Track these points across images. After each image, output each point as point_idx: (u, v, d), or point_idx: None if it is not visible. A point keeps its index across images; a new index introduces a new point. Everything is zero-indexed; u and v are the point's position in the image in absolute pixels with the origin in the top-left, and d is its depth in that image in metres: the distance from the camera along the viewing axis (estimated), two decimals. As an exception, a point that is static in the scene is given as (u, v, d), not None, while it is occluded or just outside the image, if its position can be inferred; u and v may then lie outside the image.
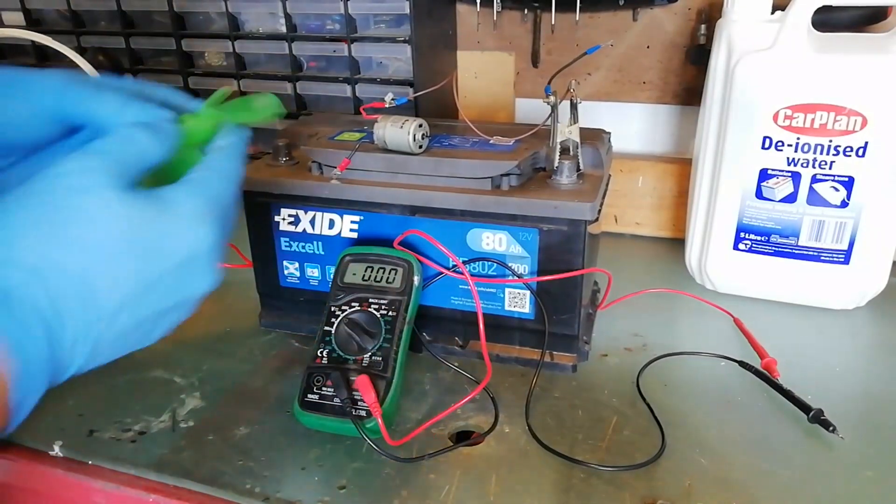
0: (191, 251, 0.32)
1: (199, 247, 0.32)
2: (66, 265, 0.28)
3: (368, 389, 0.51)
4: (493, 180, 0.57)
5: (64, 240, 0.28)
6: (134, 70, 1.03)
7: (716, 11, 0.81)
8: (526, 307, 0.61)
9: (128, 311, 0.30)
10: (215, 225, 0.33)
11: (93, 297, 0.29)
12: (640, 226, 0.90)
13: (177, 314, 0.34)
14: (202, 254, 0.32)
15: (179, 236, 0.31)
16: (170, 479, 0.50)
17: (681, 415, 0.55)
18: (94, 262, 0.29)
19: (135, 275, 0.30)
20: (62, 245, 0.28)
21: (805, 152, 0.65)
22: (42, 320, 0.27)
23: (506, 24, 0.95)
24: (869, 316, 0.70)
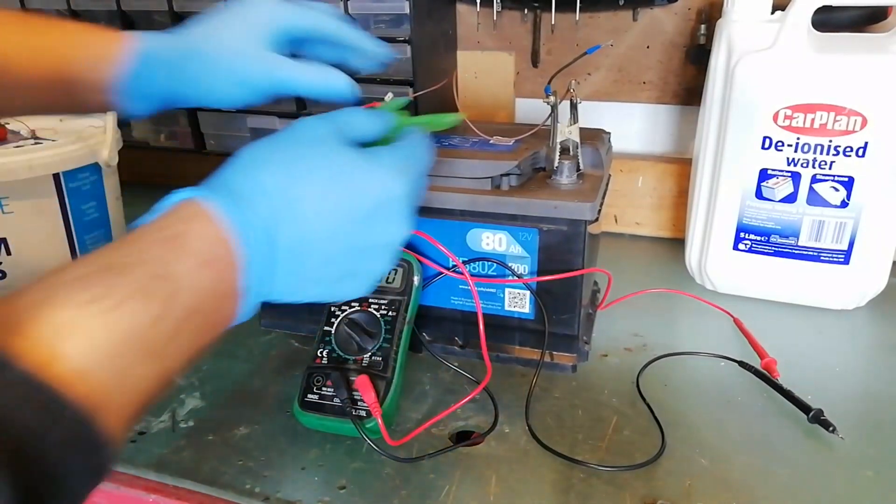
0: (389, 195, 0.37)
1: (396, 193, 0.37)
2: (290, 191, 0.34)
3: (368, 389, 0.51)
4: (493, 180, 0.57)
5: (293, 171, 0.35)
6: (134, 70, 1.03)
7: (716, 11, 0.81)
8: (526, 307, 0.61)
9: (335, 242, 0.35)
10: (408, 181, 0.38)
11: (307, 219, 0.34)
12: (640, 226, 0.90)
13: (376, 260, 0.38)
14: (397, 200, 0.37)
15: (381, 181, 0.37)
16: (170, 479, 0.50)
17: (681, 415, 0.55)
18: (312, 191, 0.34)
19: (343, 207, 0.35)
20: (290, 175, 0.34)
21: (805, 152, 0.65)
22: (265, 228, 0.32)
23: (506, 24, 0.95)
24: (869, 316, 0.70)
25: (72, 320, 0.25)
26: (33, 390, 0.22)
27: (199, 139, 1.05)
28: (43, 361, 0.23)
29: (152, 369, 0.27)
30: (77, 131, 0.81)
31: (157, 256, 0.29)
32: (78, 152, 0.75)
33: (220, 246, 0.31)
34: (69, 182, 0.74)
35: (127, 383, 0.26)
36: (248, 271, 0.32)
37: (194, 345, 0.30)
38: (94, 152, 0.77)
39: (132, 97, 0.46)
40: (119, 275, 0.27)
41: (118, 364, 0.25)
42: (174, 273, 0.28)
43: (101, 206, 0.79)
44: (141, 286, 0.27)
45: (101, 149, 0.78)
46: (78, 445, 0.23)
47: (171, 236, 0.30)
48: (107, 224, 0.80)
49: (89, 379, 0.24)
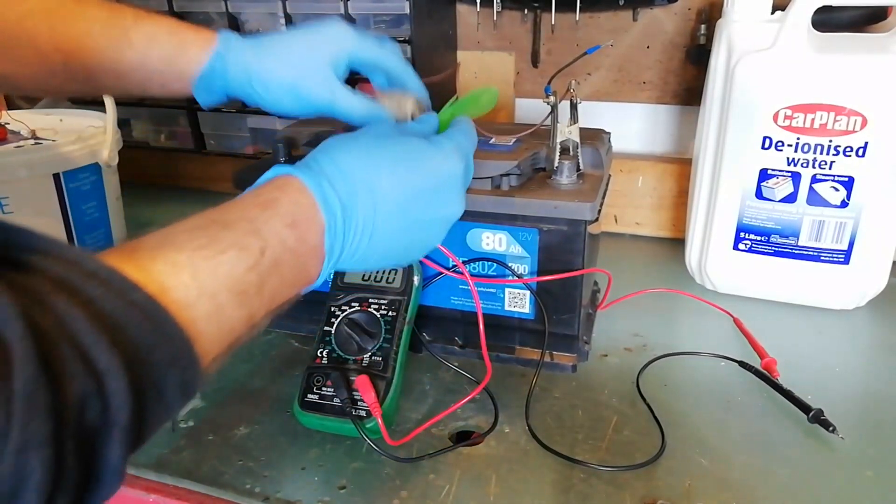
0: (446, 175, 0.43)
1: (452, 173, 0.44)
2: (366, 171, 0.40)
3: (368, 389, 0.51)
4: (493, 180, 0.57)
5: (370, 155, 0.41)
6: (134, 70, 1.03)
7: (716, 11, 0.81)
8: (526, 307, 0.61)
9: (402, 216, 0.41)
10: (461, 162, 0.45)
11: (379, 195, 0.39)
12: (640, 226, 0.90)
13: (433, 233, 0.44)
14: (453, 179, 0.44)
15: (442, 162, 0.43)
16: (170, 479, 0.50)
17: (681, 415, 0.55)
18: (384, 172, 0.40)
19: (410, 185, 0.41)
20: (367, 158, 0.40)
21: (805, 152, 0.65)
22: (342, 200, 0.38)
23: (506, 24, 0.95)
24: (869, 316, 0.70)
25: (183, 261, 0.30)
26: (150, 312, 0.26)
27: (199, 139, 1.05)
28: (158, 290, 0.27)
29: (241, 312, 0.32)
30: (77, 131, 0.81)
31: (254, 216, 0.34)
32: (78, 152, 0.75)
33: (304, 211, 0.36)
34: (69, 182, 0.74)
35: (220, 320, 0.30)
36: (328, 236, 0.37)
37: (278, 296, 0.35)
38: (94, 152, 0.77)
39: (198, 88, 0.52)
40: (223, 229, 0.32)
41: (215, 302, 0.30)
42: (266, 230, 0.34)
43: (101, 206, 0.79)
44: (239, 239, 0.32)
45: (101, 149, 0.78)
46: (178, 364, 0.27)
47: (266, 201, 0.36)
48: (107, 224, 0.80)
49: (192, 310, 0.29)
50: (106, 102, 0.78)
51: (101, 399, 0.24)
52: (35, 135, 0.80)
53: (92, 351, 0.24)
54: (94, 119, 0.86)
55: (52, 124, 0.86)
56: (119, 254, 0.28)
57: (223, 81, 0.51)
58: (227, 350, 0.32)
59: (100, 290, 0.25)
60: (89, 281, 0.25)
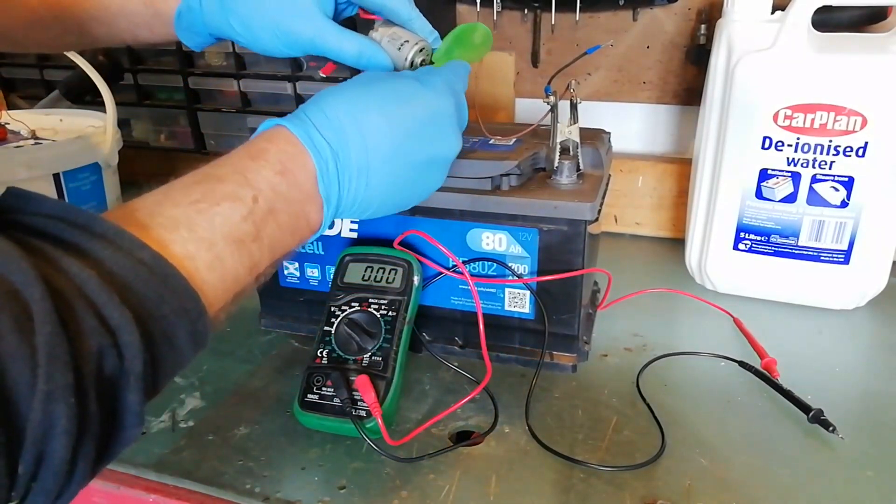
0: (437, 110, 0.43)
1: (443, 109, 0.44)
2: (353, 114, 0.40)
3: (368, 389, 0.51)
4: (493, 180, 0.57)
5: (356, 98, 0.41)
6: (134, 70, 1.03)
7: (716, 11, 0.81)
8: (526, 307, 0.61)
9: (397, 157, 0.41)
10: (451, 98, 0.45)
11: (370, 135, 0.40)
12: (640, 226, 0.90)
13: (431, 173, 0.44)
14: (445, 116, 0.44)
15: (430, 100, 0.43)
16: (170, 479, 0.50)
17: (681, 415, 0.55)
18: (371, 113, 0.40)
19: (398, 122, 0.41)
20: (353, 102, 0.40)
21: (805, 152, 0.65)
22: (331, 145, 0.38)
23: (506, 24, 0.95)
24: (869, 316, 0.70)
25: (180, 216, 0.31)
26: (156, 268, 0.28)
27: (199, 139, 1.05)
28: (159, 246, 0.29)
29: (242, 261, 0.33)
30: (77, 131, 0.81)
31: (245, 167, 0.35)
32: (78, 152, 0.75)
33: (294, 158, 0.37)
34: (69, 182, 0.74)
35: (222, 269, 0.32)
36: (322, 181, 0.38)
37: (279, 243, 0.36)
38: (94, 152, 0.77)
39: (184, 29, 0.51)
40: (216, 182, 0.34)
41: (214, 252, 0.31)
42: (257, 179, 0.35)
43: (102, 206, 0.79)
44: (232, 190, 0.34)
45: (101, 149, 0.78)
46: (187, 315, 0.29)
47: (256, 152, 0.37)
48: (107, 224, 0.80)
49: (193, 261, 0.30)
50: (106, 102, 0.78)
51: (117, 351, 0.25)
52: (35, 135, 0.80)
53: (105, 308, 0.25)
54: (94, 119, 0.86)
55: (52, 124, 0.86)
56: (120, 214, 0.30)
57: (202, 21, 0.50)
58: (234, 299, 0.34)
59: (108, 251, 0.27)
60: (99, 242, 0.27)
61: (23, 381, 0.22)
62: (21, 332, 0.23)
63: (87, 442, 0.25)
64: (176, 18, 0.50)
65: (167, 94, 1.06)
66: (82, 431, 0.24)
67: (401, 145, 0.41)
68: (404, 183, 0.43)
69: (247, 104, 1.00)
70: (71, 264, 0.25)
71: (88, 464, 0.25)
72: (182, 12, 0.50)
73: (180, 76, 1.01)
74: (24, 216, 0.27)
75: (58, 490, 0.25)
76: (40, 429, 0.23)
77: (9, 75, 1.13)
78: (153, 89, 1.06)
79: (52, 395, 0.23)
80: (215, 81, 1.00)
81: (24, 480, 0.23)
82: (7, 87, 1.14)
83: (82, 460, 0.25)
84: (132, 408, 0.27)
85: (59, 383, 0.23)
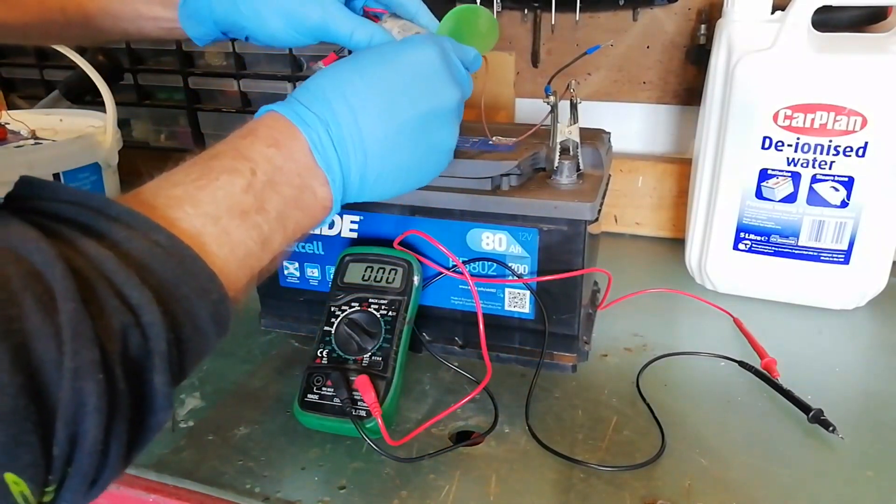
0: (420, 62, 0.42)
1: (426, 59, 0.43)
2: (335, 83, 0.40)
3: (368, 389, 0.51)
4: (493, 180, 0.57)
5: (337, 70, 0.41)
6: (134, 70, 1.03)
7: (716, 11, 0.81)
8: (526, 307, 0.61)
9: (386, 116, 0.40)
10: (435, 49, 0.43)
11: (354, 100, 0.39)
12: (640, 226, 0.90)
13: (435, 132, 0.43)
14: (430, 66, 0.43)
15: (409, 52, 0.43)
16: (170, 479, 0.50)
17: (681, 415, 0.55)
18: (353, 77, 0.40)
19: (381, 81, 0.40)
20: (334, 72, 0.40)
21: (805, 152, 0.65)
22: (319, 115, 0.38)
23: (506, 24, 0.95)
24: (869, 316, 0.70)
25: (181, 194, 0.31)
26: (172, 249, 0.28)
27: (200, 139, 1.05)
28: (168, 225, 0.29)
29: (249, 234, 0.33)
30: (77, 131, 0.81)
31: (238, 145, 0.36)
32: (78, 152, 0.75)
33: (282, 131, 0.37)
34: (69, 182, 0.74)
35: (229, 244, 0.32)
36: (316, 151, 0.38)
37: (288, 218, 0.36)
38: (94, 152, 0.77)
39: (188, 17, 0.50)
40: (213, 159, 0.35)
41: (220, 226, 0.32)
42: (251, 153, 0.36)
43: (101, 206, 0.79)
44: (229, 165, 0.34)
45: (101, 149, 0.78)
46: (207, 296, 0.29)
47: (248, 131, 0.37)
48: (107, 224, 0.80)
49: (200, 237, 0.31)
50: (106, 102, 0.78)
51: (140, 330, 0.26)
52: (35, 135, 0.80)
53: (124, 288, 0.25)
54: (94, 119, 0.86)
55: (52, 124, 0.86)
56: (126, 199, 0.30)
57: (208, 8, 0.49)
58: (251, 277, 0.34)
59: (125, 233, 0.27)
60: (115, 225, 0.27)
61: (49, 358, 0.22)
62: (44, 311, 0.22)
63: (119, 422, 0.25)
64: (181, 6, 0.50)
65: (167, 94, 1.06)
66: (113, 410, 0.24)
67: (389, 104, 0.40)
68: (406, 145, 0.42)
69: (247, 104, 1.00)
70: (89, 245, 0.26)
71: (121, 447, 0.25)
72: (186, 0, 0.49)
73: (180, 76, 1.01)
74: (40, 202, 0.27)
75: (93, 473, 0.25)
76: (71, 407, 0.23)
77: (9, 75, 1.13)
78: (153, 89, 1.06)
79: (80, 371, 0.23)
80: (215, 81, 1.00)
81: (60, 464, 0.23)
82: (7, 87, 1.14)
83: (115, 442, 0.25)
84: (160, 389, 0.26)
85: (85, 359, 0.23)
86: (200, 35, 0.52)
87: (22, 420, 0.22)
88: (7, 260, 0.23)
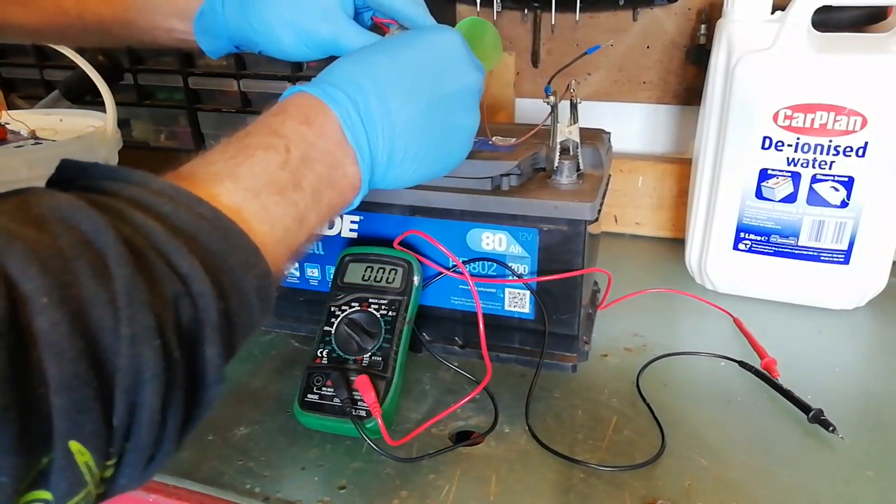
0: (448, 46, 0.43)
1: (453, 44, 0.44)
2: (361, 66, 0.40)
3: (368, 389, 0.51)
4: (493, 180, 0.57)
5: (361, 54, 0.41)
6: (134, 70, 1.03)
7: (716, 11, 0.81)
8: (526, 307, 0.61)
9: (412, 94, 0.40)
10: (458, 38, 0.44)
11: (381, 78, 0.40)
12: (640, 226, 0.90)
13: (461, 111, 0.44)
14: (457, 50, 0.44)
15: (434, 36, 0.43)
16: (170, 479, 0.50)
17: (681, 415, 0.55)
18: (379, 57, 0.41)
19: (407, 60, 0.41)
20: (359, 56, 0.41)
21: (805, 152, 0.65)
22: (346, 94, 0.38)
23: (506, 24, 0.95)
24: (869, 316, 0.70)
25: (220, 171, 0.32)
26: (218, 222, 0.28)
27: (200, 139, 1.05)
28: (210, 199, 0.29)
29: (287, 210, 0.33)
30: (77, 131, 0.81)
31: (270, 123, 0.36)
32: (78, 152, 0.75)
33: (313, 108, 0.38)
34: (69, 182, 0.74)
35: (270, 220, 0.32)
36: (346, 127, 0.38)
37: (322, 195, 0.36)
38: (94, 152, 0.77)
39: (203, 31, 0.51)
40: (248, 137, 0.35)
41: (259, 202, 0.32)
42: (285, 129, 0.36)
43: (101, 206, 0.79)
44: (263, 142, 0.35)
45: (101, 149, 0.78)
46: (252, 270, 0.29)
47: (278, 110, 0.38)
48: (107, 224, 0.80)
49: (242, 213, 0.31)
50: (106, 102, 0.78)
51: (191, 299, 0.26)
52: (35, 135, 0.80)
53: (174, 257, 0.26)
54: (94, 119, 0.86)
55: (52, 124, 0.86)
56: (166, 177, 0.30)
57: (223, 22, 0.50)
58: (289, 255, 0.34)
59: (170, 206, 0.27)
60: (159, 198, 0.27)
61: (106, 325, 0.22)
62: (99, 278, 0.23)
63: (176, 393, 0.25)
64: (197, 18, 0.50)
65: (167, 94, 1.06)
66: (170, 380, 0.24)
67: (416, 84, 0.41)
68: (432, 125, 0.42)
69: (247, 104, 1.00)
70: (135, 215, 0.26)
71: (178, 420, 0.25)
72: (204, 12, 0.50)
73: (180, 76, 1.01)
74: (83, 181, 0.27)
75: (151, 448, 0.24)
76: (130, 374, 0.23)
77: (9, 75, 1.13)
78: (153, 89, 1.06)
79: (137, 337, 0.23)
80: (215, 81, 1.00)
81: (120, 436, 0.23)
82: (7, 87, 1.14)
83: (172, 414, 0.25)
84: (213, 361, 0.26)
85: (141, 325, 0.23)
86: (214, 49, 0.52)
87: (83, 385, 0.21)
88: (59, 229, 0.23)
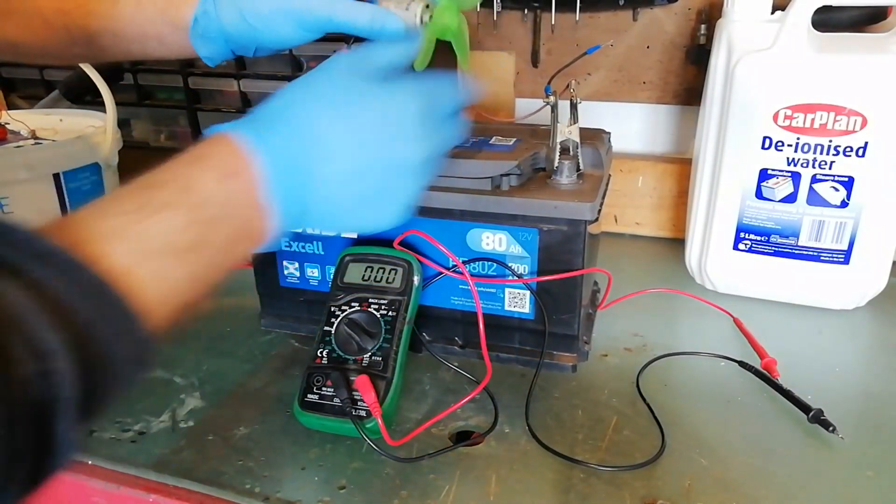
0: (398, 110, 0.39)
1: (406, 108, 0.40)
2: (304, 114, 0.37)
3: (368, 389, 0.51)
4: (493, 180, 0.57)
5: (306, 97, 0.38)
6: (134, 70, 1.03)
7: (716, 11, 0.81)
8: (526, 307, 0.61)
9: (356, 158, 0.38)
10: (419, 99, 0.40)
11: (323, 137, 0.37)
12: (640, 226, 0.90)
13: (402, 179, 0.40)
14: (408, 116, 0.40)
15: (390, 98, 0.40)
16: (170, 479, 0.50)
17: (681, 415, 0.55)
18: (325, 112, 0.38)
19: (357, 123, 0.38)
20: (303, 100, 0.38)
21: (805, 152, 0.65)
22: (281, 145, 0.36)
23: (506, 24, 0.95)
24: (869, 316, 0.70)
25: (115, 228, 0.29)
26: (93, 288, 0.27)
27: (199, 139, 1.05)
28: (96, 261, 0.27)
29: (185, 272, 0.31)
30: (77, 131, 0.81)
31: (185, 174, 0.33)
32: (78, 152, 0.75)
33: (237, 161, 0.34)
34: (69, 182, 0.74)
35: (163, 284, 0.30)
36: (271, 185, 0.35)
37: (225, 253, 0.34)
38: (94, 152, 0.77)
39: (199, 37, 0.50)
40: (154, 189, 0.32)
41: (155, 265, 0.30)
42: (199, 186, 0.33)
43: (101, 206, 0.79)
44: (171, 198, 0.32)
45: (101, 149, 0.78)
46: (125, 337, 0.28)
47: (197, 157, 0.34)
48: (107, 224, 0.80)
49: (131, 276, 0.29)
50: (106, 102, 0.78)
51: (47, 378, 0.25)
52: (35, 135, 0.80)
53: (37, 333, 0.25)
54: (94, 119, 0.86)
55: (52, 124, 0.86)
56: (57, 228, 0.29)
57: (218, 25, 0.49)
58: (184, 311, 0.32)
59: (45, 271, 0.26)
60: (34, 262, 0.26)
61: None
62: None
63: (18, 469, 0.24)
64: (192, 25, 0.50)
65: (167, 94, 1.06)
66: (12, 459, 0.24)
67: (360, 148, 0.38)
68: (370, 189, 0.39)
69: (247, 104, 1.00)
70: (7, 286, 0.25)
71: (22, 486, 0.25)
72: (198, 17, 0.49)
73: (180, 76, 1.01)
74: None
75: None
76: None
77: (9, 75, 1.13)
78: (153, 89, 1.06)
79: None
80: (215, 81, 1.00)
81: None
82: (7, 87, 1.14)
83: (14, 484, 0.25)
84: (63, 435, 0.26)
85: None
86: (211, 54, 0.52)
87: None
88: None
